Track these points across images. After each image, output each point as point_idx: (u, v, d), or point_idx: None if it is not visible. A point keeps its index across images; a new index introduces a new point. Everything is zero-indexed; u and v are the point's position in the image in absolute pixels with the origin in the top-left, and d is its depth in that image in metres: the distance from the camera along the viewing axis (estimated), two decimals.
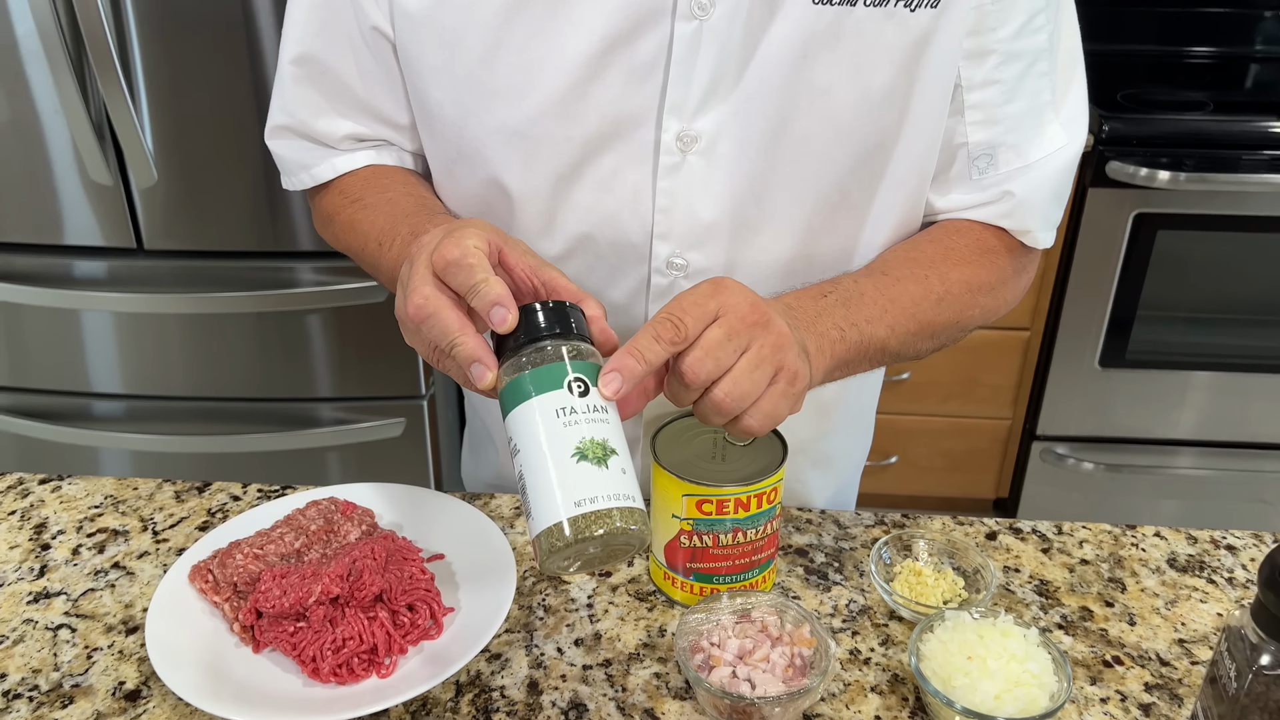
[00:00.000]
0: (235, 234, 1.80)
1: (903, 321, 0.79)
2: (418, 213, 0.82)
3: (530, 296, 0.69)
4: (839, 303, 0.77)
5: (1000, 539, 0.91)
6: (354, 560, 0.76)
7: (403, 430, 1.94)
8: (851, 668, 0.77)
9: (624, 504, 0.61)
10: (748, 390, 0.66)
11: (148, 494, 0.95)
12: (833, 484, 1.03)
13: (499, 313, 0.63)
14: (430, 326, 0.65)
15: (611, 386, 0.63)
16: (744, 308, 0.66)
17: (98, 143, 1.67)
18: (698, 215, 0.81)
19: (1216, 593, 0.85)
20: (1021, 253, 0.89)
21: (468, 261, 0.63)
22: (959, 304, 0.83)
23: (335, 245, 0.91)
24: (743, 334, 0.66)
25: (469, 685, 0.75)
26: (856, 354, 0.77)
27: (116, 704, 0.73)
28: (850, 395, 0.99)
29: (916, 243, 0.85)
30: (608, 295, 0.86)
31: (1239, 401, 2.16)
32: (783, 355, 0.67)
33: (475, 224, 0.67)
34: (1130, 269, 2.04)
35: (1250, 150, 1.94)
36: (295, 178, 0.91)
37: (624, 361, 0.64)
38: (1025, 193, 0.84)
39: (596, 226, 0.83)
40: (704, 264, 0.83)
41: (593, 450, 0.62)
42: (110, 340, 1.89)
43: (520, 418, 0.64)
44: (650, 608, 0.82)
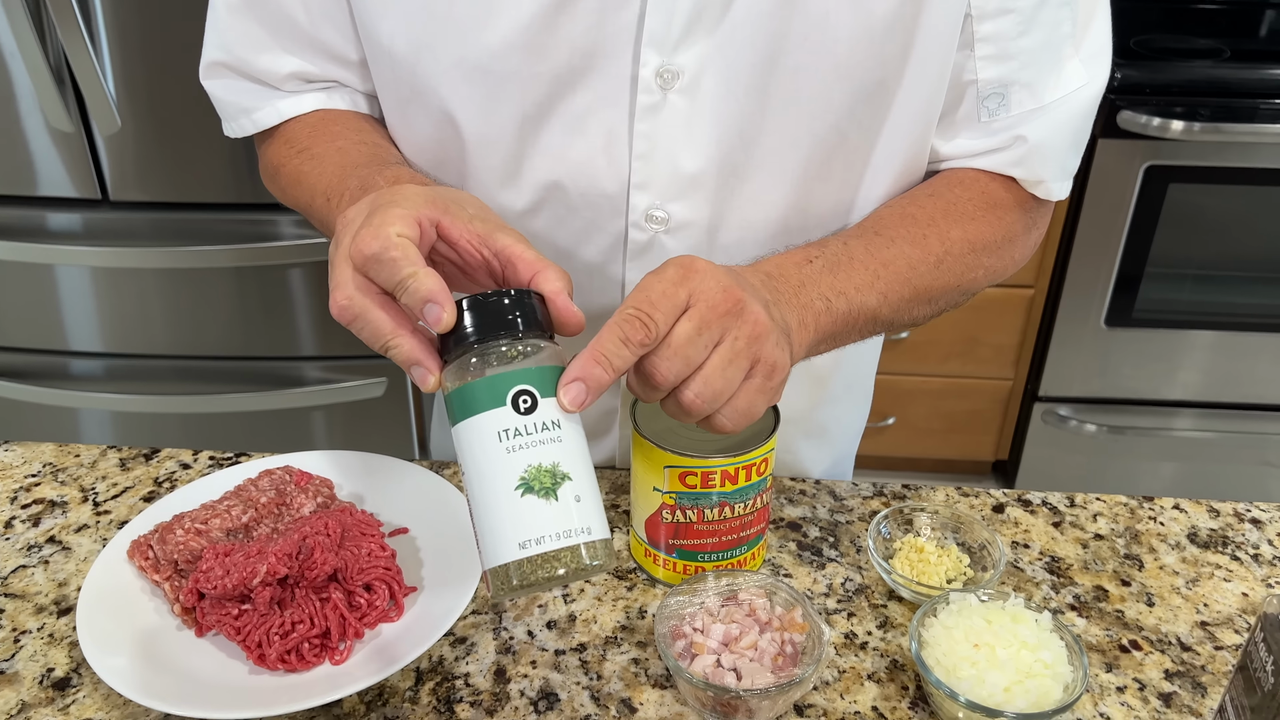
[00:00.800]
0: (210, 185, 1.73)
1: (896, 288, 0.72)
2: (369, 163, 0.73)
3: (480, 271, 0.60)
4: (825, 269, 0.69)
5: (1008, 512, 0.85)
6: (304, 537, 0.69)
7: (385, 390, 1.88)
8: (847, 653, 0.71)
9: (574, 541, 0.54)
10: (720, 389, 0.58)
11: (90, 461, 0.88)
12: (828, 456, 0.97)
13: (432, 311, 0.55)
14: (360, 328, 0.57)
15: (574, 399, 0.55)
16: (716, 294, 0.58)
17: (56, 88, 1.59)
18: (680, 162, 0.73)
19: (1242, 570, 0.79)
20: (1033, 206, 0.81)
21: (390, 255, 0.55)
22: (960, 266, 0.75)
23: (283, 200, 0.82)
24: (715, 326, 0.58)
25: (430, 672, 0.69)
26: (844, 326, 0.69)
27: (44, 693, 0.67)
28: (847, 363, 0.92)
29: (914, 197, 0.77)
30: (580, 255, 0.78)
31: (1247, 362, 2.10)
32: (759, 346, 0.59)
33: (403, 197, 0.58)
34: (1140, 224, 1.97)
35: (1267, 99, 1.86)
36: (235, 123, 0.83)
37: (588, 370, 0.55)
38: (1039, 138, 0.76)
39: (567, 175, 0.75)
40: (687, 216, 0.76)
41: (540, 480, 0.54)
42: (87, 296, 1.82)
43: (462, 436, 0.56)
44: (630, 587, 0.76)
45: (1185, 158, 1.90)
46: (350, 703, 0.67)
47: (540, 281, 0.58)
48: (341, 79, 0.81)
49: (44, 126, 1.65)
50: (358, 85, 0.81)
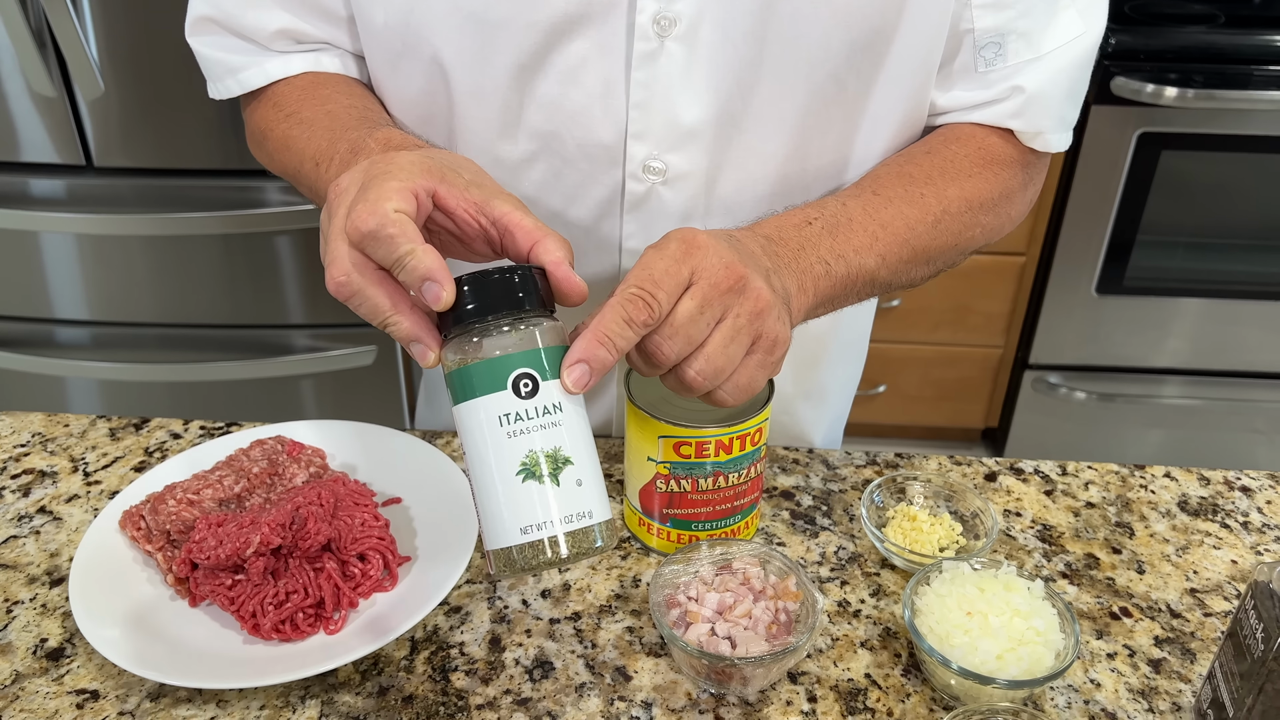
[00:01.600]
0: (196, 151, 1.71)
1: (895, 249, 0.71)
2: (358, 125, 0.71)
3: (478, 239, 0.59)
4: (825, 231, 0.68)
5: (1000, 480, 0.85)
6: (297, 507, 0.69)
7: (374, 359, 1.87)
8: (840, 621, 0.71)
9: (577, 526, 0.54)
10: (722, 366, 0.58)
11: (80, 431, 0.87)
12: (825, 417, 0.97)
13: (431, 290, 0.54)
14: (358, 305, 0.56)
15: (577, 381, 0.55)
16: (719, 271, 0.57)
17: (38, 51, 1.56)
18: (677, 111, 0.72)
19: (1231, 538, 0.80)
20: (1031, 161, 0.80)
21: (387, 233, 0.53)
22: (958, 225, 0.75)
23: (269, 167, 0.81)
24: (717, 303, 0.57)
25: (425, 641, 0.69)
26: (843, 289, 0.69)
27: (37, 663, 0.67)
28: (844, 324, 0.92)
29: (911, 156, 0.76)
30: (577, 208, 0.77)
31: (1234, 329, 2.11)
32: (760, 323, 0.59)
33: (397, 167, 0.56)
34: (1132, 191, 1.96)
35: (1261, 66, 1.85)
36: (221, 84, 0.81)
37: (592, 351, 0.55)
38: (1036, 87, 0.75)
39: (563, 125, 0.73)
40: (685, 168, 0.75)
41: (541, 465, 0.54)
42: (72, 263, 1.81)
43: (464, 418, 0.55)
44: (624, 555, 0.76)
45: (1178, 124, 1.89)
46: (345, 672, 0.67)
47: (540, 252, 0.56)
48: (330, 38, 0.79)
49: (25, 91, 1.62)
50: (347, 45, 0.80)
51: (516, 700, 0.65)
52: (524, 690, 0.66)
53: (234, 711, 0.64)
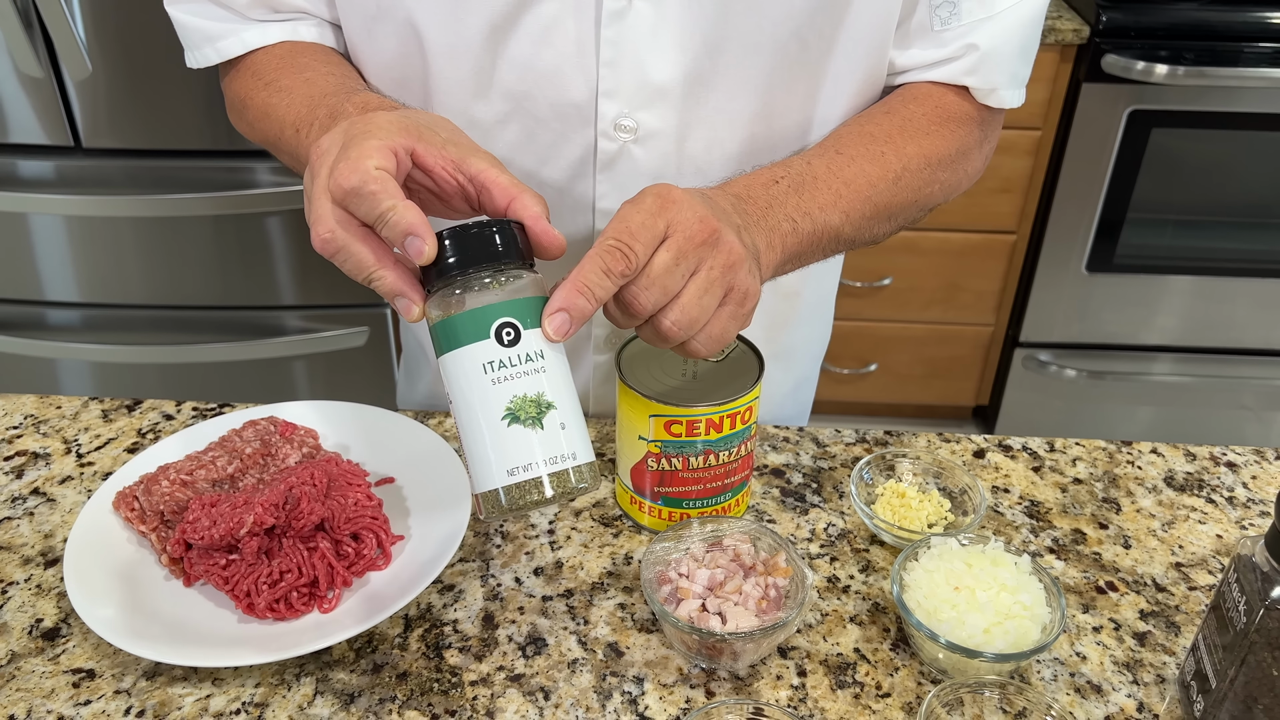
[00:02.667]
0: (185, 131, 1.70)
1: (858, 206, 0.74)
2: (336, 92, 0.72)
3: (457, 197, 0.61)
4: (791, 189, 0.70)
5: (989, 457, 0.86)
6: (291, 487, 0.69)
7: (366, 339, 1.87)
8: (830, 596, 0.72)
9: (562, 467, 0.56)
10: (696, 317, 0.60)
11: (72, 413, 0.87)
12: (792, 378, 0.98)
13: (413, 244, 0.55)
14: (343, 261, 0.57)
15: (558, 328, 0.57)
16: (693, 225, 0.59)
17: (24, 31, 1.55)
18: (646, 69, 0.73)
19: (1216, 513, 0.80)
20: (986, 118, 0.83)
21: (369, 189, 0.55)
22: (917, 181, 0.78)
23: (250, 136, 0.82)
24: (691, 255, 0.59)
25: (419, 619, 0.70)
26: (810, 245, 0.71)
27: (33, 643, 0.68)
28: (810, 285, 0.93)
29: (872, 115, 0.79)
30: (551, 168, 0.78)
31: (1224, 307, 2.12)
32: (734, 275, 0.61)
33: (376, 127, 0.58)
34: (1122, 169, 1.97)
35: (1251, 43, 1.85)
36: (199, 52, 0.82)
37: (571, 300, 0.57)
38: (989, 45, 0.77)
39: (535, 85, 0.74)
40: (655, 125, 0.76)
41: (525, 410, 0.56)
42: (62, 245, 1.80)
43: (449, 367, 0.57)
44: (616, 534, 0.77)
45: (1169, 102, 1.89)
46: (340, 650, 0.68)
47: (517, 208, 0.58)
48: (307, 6, 0.80)
49: (13, 72, 1.61)
50: (324, 14, 0.81)
51: (510, 676, 0.66)
52: (517, 666, 0.67)
53: (229, 689, 0.65)
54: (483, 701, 0.64)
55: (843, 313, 2.21)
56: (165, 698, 0.64)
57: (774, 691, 0.65)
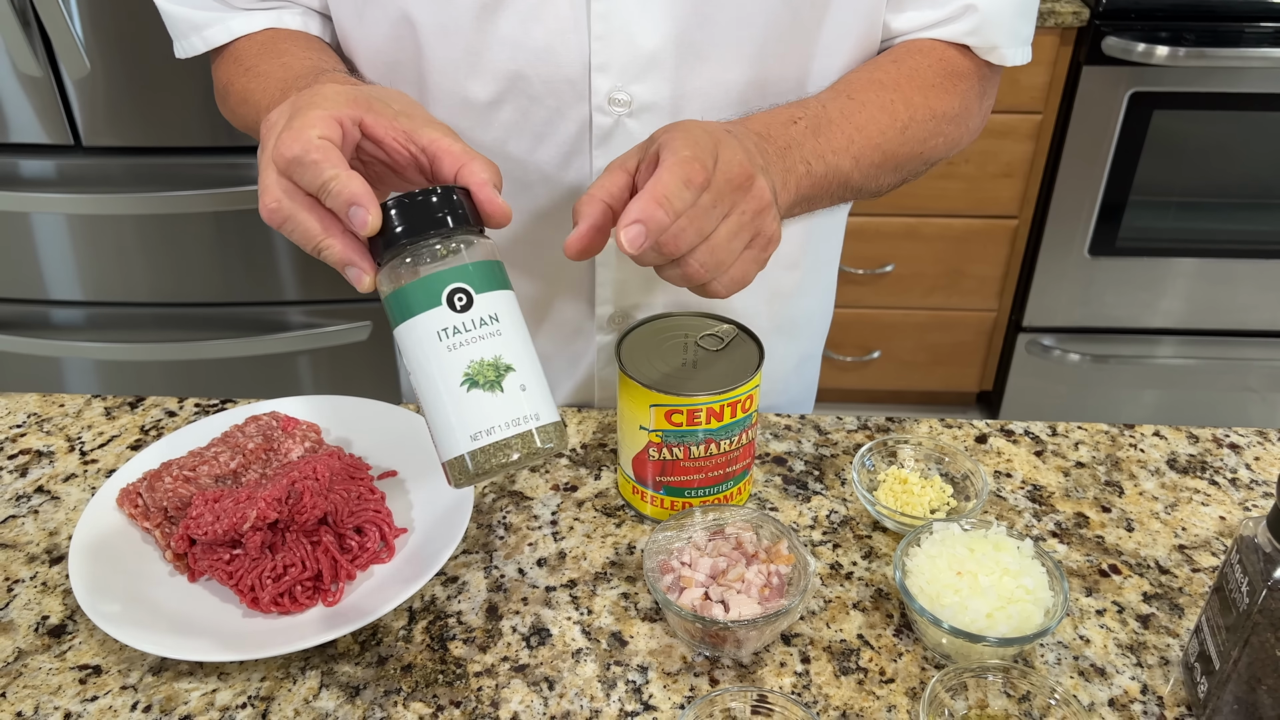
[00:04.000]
0: (185, 128, 1.70)
1: (868, 153, 0.74)
2: (308, 74, 0.73)
3: (410, 168, 0.61)
4: (809, 130, 0.71)
5: (991, 442, 0.86)
6: (293, 481, 0.70)
7: (369, 334, 1.88)
8: (832, 583, 0.72)
9: (524, 428, 0.56)
10: (723, 259, 0.60)
11: (75, 411, 0.88)
12: (796, 352, 0.98)
13: (357, 214, 0.55)
14: (290, 230, 0.58)
15: (633, 240, 0.56)
16: (734, 168, 0.59)
17: (22, 30, 1.55)
18: (638, 41, 0.73)
19: (1219, 495, 0.80)
20: (987, 73, 0.83)
21: (311, 158, 0.55)
22: (923, 132, 0.78)
23: (234, 123, 0.82)
24: (727, 198, 0.59)
25: (423, 611, 0.70)
26: (820, 189, 0.72)
27: (39, 640, 0.68)
28: (809, 254, 0.92)
29: (879, 64, 0.78)
30: (547, 147, 0.78)
31: (1227, 289, 2.11)
32: (761, 220, 0.62)
33: (322, 98, 0.58)
34: (1124, 152, 1.96)
35: (1252, 23, 1.84)
36: (186, 41, 0.82)
37: (649, 211, 0.56)
38: (989, 7, 0.77)
39: (528, 63, 0.74)
40: (649, 98, 0.76)
41: (484, 374, 0.56)
42: (64, 244, 1.80)
43: (405, 338, 0.57)
44: (618, 524, 0.77)
45: (1170, 84, 1.89)
46: (344, 643, 0.68)
47: (465, 174, 0.58)
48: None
49: (11, 71, 1.61)
50: (312, 2, 0.81)
51: (514, 667, 0.66)
52: (521, 657, 0.67)
53: (235, 683, 0.65)
54: (488, 692, 0.65)
55: (845, 300, 2.22)
56: (171, 692, 0.64)
57: (778, 679, 0.66)
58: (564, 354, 0.90)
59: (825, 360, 2.21)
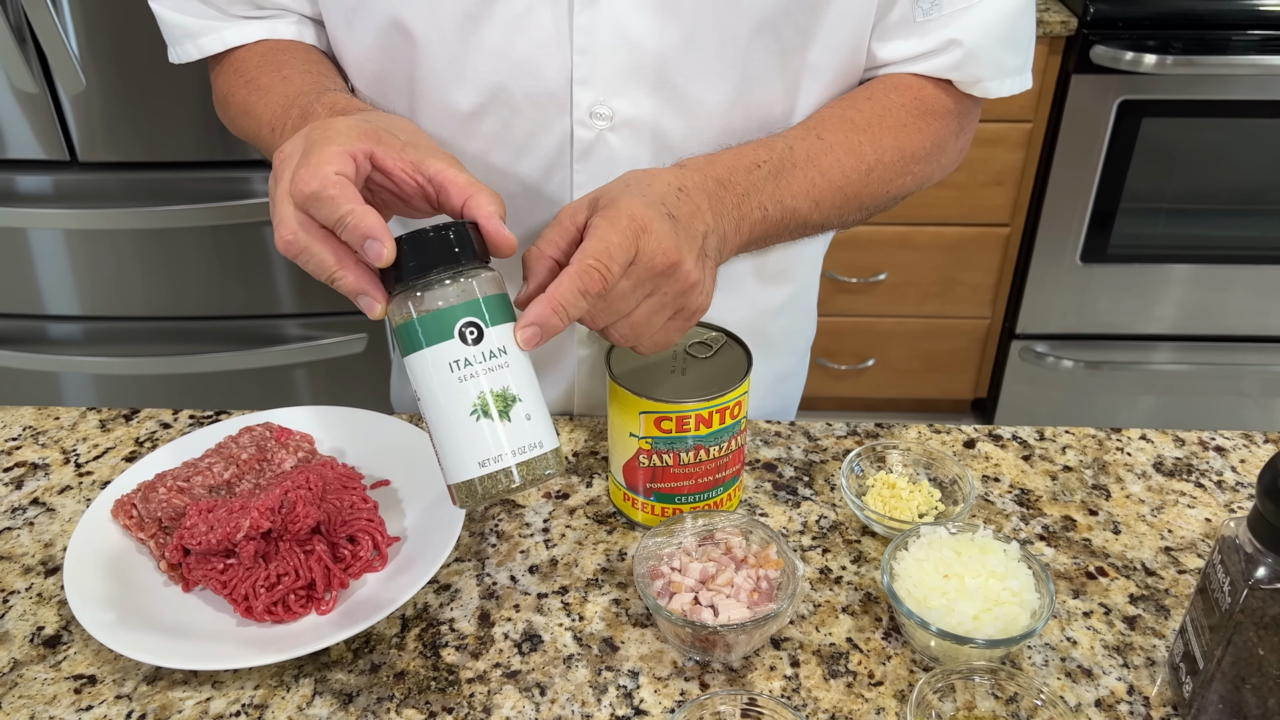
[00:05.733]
0: (180, 143, 1.71)
1: (829, 195, 0.76)
2: (309, 91, 0.74)
3: (417, 197, 0.63)
4: (770, 175, 0.73)
5: (979, 447, 0.86)
6: (286, 491, 0.70)
7: (365, 346, 1.88)
8: (822, 588, 0.73)
9: (530, 455, 0.59)
10: (642, 332, 0.66)
11: (70, 423, 0.88)
12: (773, 370, 0.97)
13: (373, 248, 0.57)
14: (305, 262, 0.59)
15: (528, 340, 0.60)
16: (657, 257, 0.62)
17: (18, 47, 1.56)
18: (620, 56, 0.74)
19: (1205, 497, 0.81)
20: (965, 109, 0.83)
21: (328, 194, 0.57)
22: (890, 173, 0.79)
23: (234, 131, 0.84)
24: (649, 283, 0.63)
25: (416, 619, 0.71)
26: (775, 229, 0.75)
27: (35, 650, 0.68)
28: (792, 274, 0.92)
29: (854, 100, 0.79)
30: (528, 160, 0.79)
31: (1219, 294, 2.12)
32: (684, 299, 0.65)
33: (336, 132, 0.60)
34: (1114, 159, 1.97)
35: (1239, 30, 1.86)
36: (180, 48, 0.83)
37: (545, 318, 0.60)
38: (972, 39, 0.78)
39: (510, 74, 0.75)
40: (631, 113, 0.76)
41: (492, 405, 0.58)
42: (61, 259, 1.81)
43: (415, 367, 0.59)
44: (609, 530, 0.78)
45: (1158, 91, 1.90)
46: (338, 650, 0.68)
47: (472, 207, 0.60)
48: (288, 4, 0.81)
49: (7, 87, 1.62)
50: (305, 10, 0.82)
51: (506, 673, 0.67)
52: (513, 663, 0.67)
53: (229, 692, 0.66)
54: (480, 698, 0.65)
55: (839, 308, 2.23)
56: (166, 701, 0.65)
57: (768, 682, 0.66)
58: (544, 366, 0.90)
59: (819, 369, 2.21)
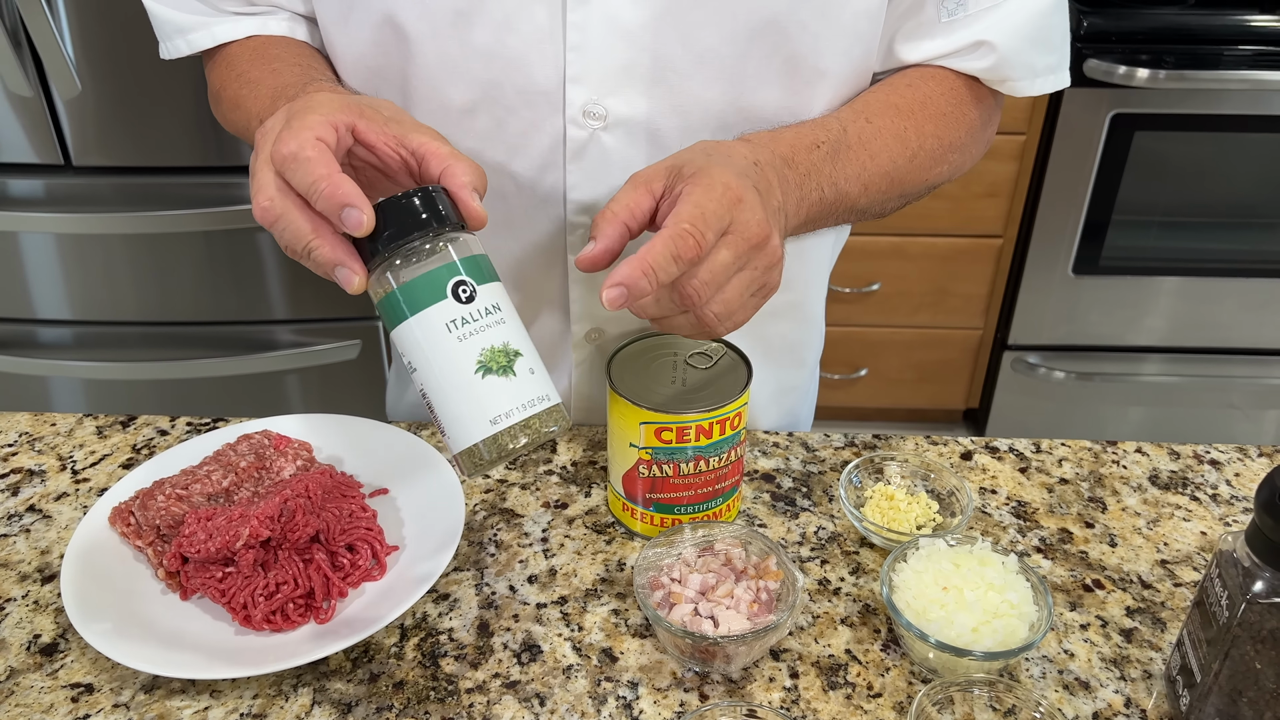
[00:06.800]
0: (175, 148, 1.71)
1: (877, 180, 0.76)
2: (297, 83, 0.74)
3: (401, 171, 0.63)
4: (828, 156, 0.72)
5: (976, 459, 0.87)
6: (285, 499, 0.70)
7: (359, 352, 1.88)
8: (820, 599, 0.73)
9: (539, 409, 0.59)
10: (734, 308, 0.63)
11: (67, 430, 0.88)
12: (773, 379, 0.94)
13: (351, 215, 0.56)
14: (281, 230, 0.59)
15: (613, 300, 0.59)
16: (753, 227, 0.62)
17: (13, 51, 1.56)
18: (614, 54, 0.73)
19: (1200, 510, 0.82)
20: (990, 103, 0.84)
21: (305, 155, 0.56)
22: (930, 160, 0.79)
23: (225, 125, 0.84)
24: (744, 255, 0.62)
25: (415, 628, 0.70)
26: (829, 212, 0.74)
27: (31, 659, 0.68)
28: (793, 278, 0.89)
29: (895, 87, 0.79)
30: (521, 159, 0.78)
31: (1210, 307, 2.14)
32: (770, 274, 0.65)
33: (317, 104, 0.59)
34: (1106, 172, 1.98)
35: (1231, 45, 1.87)
36: (170, 43, 0.83)
37: (634, 278, 0.58)
38: (1000, 40, 0.77)
39: (502, 72, 0.74)
40: (625, 112, 0.75)
41: (496, 360, 0.58)
42: (53, 263, 1.80)
43: (411, 334, 0.59)
44: (608, 540, 0.78)
45: (1151, 105, 1.91)
46: (336, 660, 0.68)
47: (447, 176, 0.60)
48: (279, 0, 0.81)
49: (2, 91, 1.62)
50: (297, 6, 0.82)
51: (505, 683, 0.67)
52: (512, 673, 0.67)
53: (227, 701, 0.65)
54: (479, 708, 0.65)
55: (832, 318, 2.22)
56: (164, 710, 0.65)
57: (767, 694, 0.66)
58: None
59: None
